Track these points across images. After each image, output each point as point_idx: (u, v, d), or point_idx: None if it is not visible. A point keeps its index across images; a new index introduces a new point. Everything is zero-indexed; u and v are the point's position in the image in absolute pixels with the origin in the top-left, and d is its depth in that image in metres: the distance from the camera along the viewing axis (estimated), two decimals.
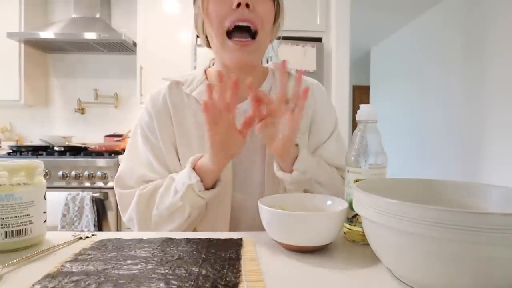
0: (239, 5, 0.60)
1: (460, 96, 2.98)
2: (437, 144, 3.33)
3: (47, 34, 2.23)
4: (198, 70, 0.76)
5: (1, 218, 0.47)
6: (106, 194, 2.06)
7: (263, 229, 0.52)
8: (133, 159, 0.72)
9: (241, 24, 0.61)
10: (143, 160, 0.71)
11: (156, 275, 0.38)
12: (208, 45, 0.72)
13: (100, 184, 2.07)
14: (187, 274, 0.38)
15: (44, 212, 0.52)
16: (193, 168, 0.61)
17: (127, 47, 2.43)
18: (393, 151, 4.35)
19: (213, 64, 0.77)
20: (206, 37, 0.70)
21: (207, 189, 0.61)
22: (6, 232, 0.47)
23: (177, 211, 0.62)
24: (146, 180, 0.69)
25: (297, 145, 0.65)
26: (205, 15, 0.65)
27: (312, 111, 0.75)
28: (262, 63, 0.80)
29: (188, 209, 0.62)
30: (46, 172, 2.01)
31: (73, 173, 2.04)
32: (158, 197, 0.64)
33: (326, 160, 0.73)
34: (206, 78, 0.74)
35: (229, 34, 0.63)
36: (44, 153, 2.15)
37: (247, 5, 0.60)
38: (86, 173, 2.05)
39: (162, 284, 0.36)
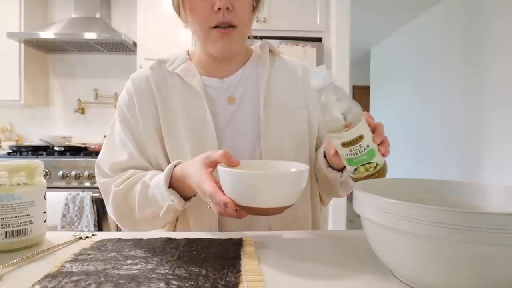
0: (219, 8, 0.62)
1: (459, 96, 2.98)
2: (437, 145, 3.33)
3: (47, 34, 2.23)
4: (181, 51, 0.77)
5: (1, 218, 0.47)
6: None
7: (256, 227, 0.52)
8: (109, 144, 0.72)
9: (222, 26, 0.64)
10: (118, 144, 0.70)
11: (156, 275, 0.38)
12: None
13: None
14: (187, 274, 0.38)
15: (44, 212, 0.52)
16: (172, 181, 0.60)
17: (127, 47, 2.43)
18: (393, 152, 4.35)
19: (195, 46, 0.77)
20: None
21: (189, 197, 0.61)
22: (6, 232, 0.47)
23: (160, 218, 0.64)
24: (120, 168, 0.68)
25: None
26: (189, 10, 0.66)
27: (304, 91, 0.75)
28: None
29: (172, 216, 0.64)
30: (46, 172, 2.01)
31: (73, 173, 2.04)
32: (136, 203, 0.64)
33: None
34: (189, 58, 0.75)
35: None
36: (44, 153, 2.15)
37: (227, 8, 0.63)
38: (86, 173, 2.05)
39: (162, 284, 0.36)
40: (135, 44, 2.40)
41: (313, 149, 0.75)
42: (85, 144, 2.28)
